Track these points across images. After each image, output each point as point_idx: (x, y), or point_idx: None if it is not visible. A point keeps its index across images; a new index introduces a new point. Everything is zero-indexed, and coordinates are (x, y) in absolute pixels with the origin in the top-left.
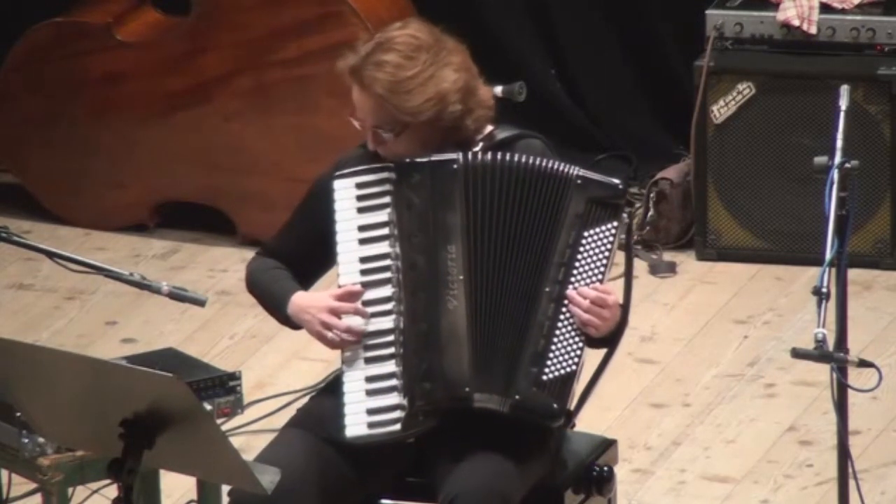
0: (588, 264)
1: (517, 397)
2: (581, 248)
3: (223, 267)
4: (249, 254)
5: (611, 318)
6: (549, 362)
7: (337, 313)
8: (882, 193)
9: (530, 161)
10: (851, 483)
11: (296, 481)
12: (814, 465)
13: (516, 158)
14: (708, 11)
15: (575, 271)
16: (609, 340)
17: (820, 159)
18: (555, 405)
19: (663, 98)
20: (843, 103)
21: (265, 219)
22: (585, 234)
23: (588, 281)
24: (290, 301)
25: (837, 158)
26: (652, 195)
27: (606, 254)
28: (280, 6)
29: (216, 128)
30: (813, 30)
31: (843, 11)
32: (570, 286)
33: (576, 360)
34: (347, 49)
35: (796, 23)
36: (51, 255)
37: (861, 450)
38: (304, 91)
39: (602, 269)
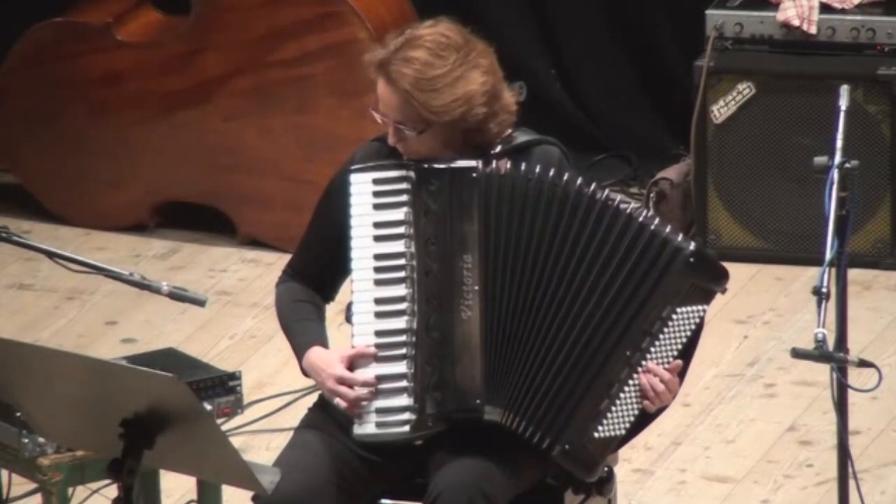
0: (670, 340)
1: (567, 447)
2: (670, 323)
3: (223, 267)
4: (249, 254)
5: (668, 400)
6: (605, 422)
7: (346, 384)
8: (882, 193)
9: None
10: (851, 483)
11: (317, 481)
12: (814, 465)
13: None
14: (708, 11)
15: (657, 342)
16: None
17: (820, 159)
18: (596, 462)
19: (663, 98)
20: (843, 103)
21: (265, 219)
22: (679, 309)
23: (664, 355)
24: (305, 356)
25: (837, 158)
26: (652, 195)
27: (688, 333)
28: (280, 6)
29: (215, 128)
30: (813, 30)
31: (843, 11)
32: (649, 356)
33: (626, 425)
34: (375, 43)
35: (796, 23)
36: (51, 255)
37: (861, 450)
38: (304, 91)
39: (679, 346)
